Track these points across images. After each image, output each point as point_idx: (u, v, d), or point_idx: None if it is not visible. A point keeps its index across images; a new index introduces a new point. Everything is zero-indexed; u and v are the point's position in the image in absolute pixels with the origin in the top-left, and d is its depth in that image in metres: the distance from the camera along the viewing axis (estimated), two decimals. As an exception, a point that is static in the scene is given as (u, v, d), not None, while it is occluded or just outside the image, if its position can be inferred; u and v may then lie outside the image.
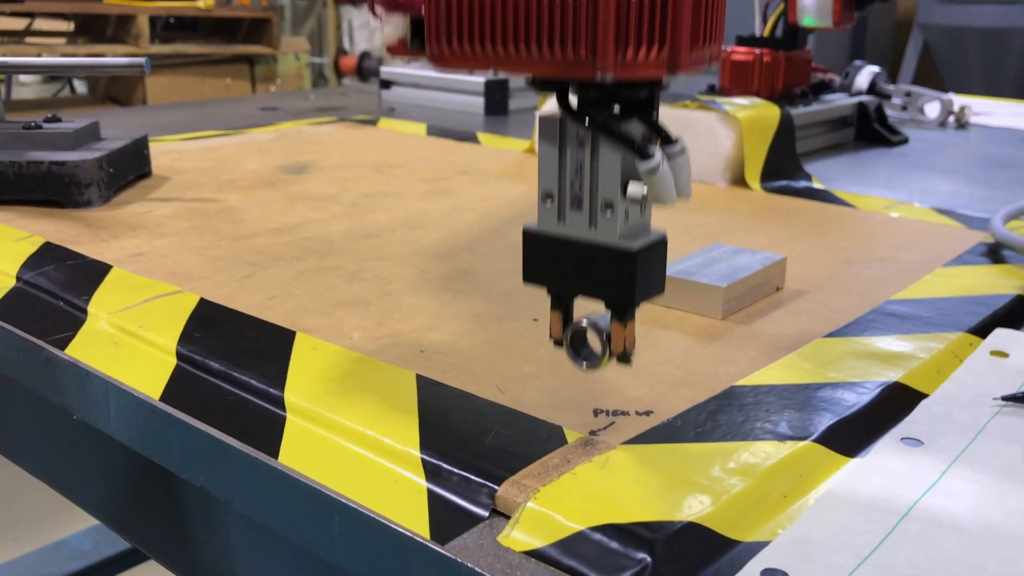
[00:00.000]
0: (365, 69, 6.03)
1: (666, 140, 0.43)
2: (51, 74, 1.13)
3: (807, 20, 1.10)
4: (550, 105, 1.09)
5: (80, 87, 6.13)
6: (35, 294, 0.65)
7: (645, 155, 0.42)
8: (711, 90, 1.21)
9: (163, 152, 1.08)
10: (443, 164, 1.07)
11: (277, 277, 0.67)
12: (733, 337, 0.57)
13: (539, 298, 0.63)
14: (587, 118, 0.42)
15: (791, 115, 1.02)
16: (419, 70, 1.57)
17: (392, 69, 1.60)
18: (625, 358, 0.45)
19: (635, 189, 0.43)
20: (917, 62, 3.11)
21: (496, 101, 1.48)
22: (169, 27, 3.73)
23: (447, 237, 0.78)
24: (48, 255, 0.71)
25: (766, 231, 0.81)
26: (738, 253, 0.66)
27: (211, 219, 0.82)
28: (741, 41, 1.19)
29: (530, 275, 0.48)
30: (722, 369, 0.52)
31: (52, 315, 0.61)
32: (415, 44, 0.44)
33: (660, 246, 0.45)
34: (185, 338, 0.56)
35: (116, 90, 3.39)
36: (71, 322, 0.60)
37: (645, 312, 0.60)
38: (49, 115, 0.91)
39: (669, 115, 1.00)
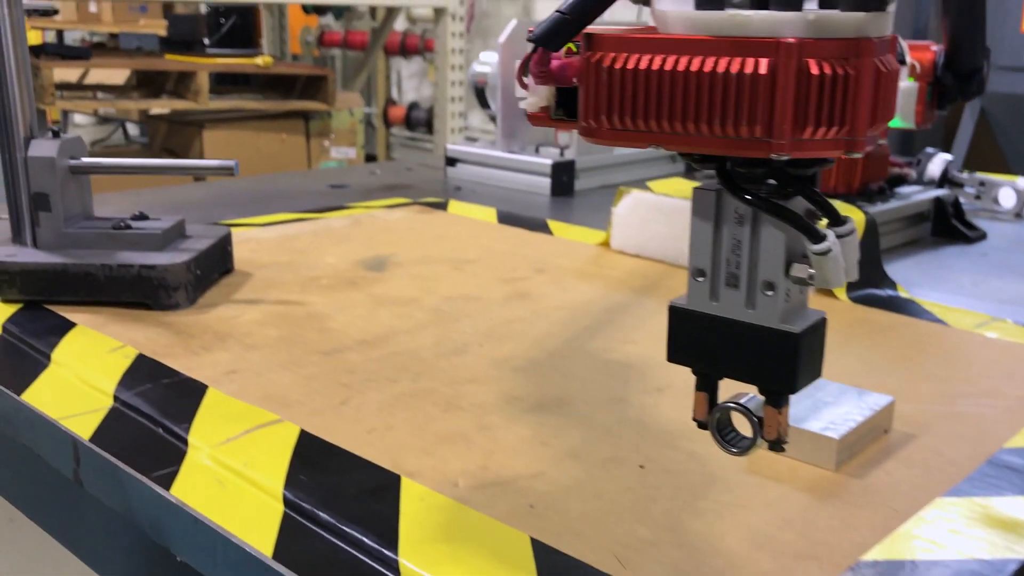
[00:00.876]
0: (413, 120, 6.11)
1: (834, 220, 0.42)
2: (140, 173, 1.13)
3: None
4: (627, 201, 1.08)
5: (133, 130, 6.28)
6: (133, 418, 0.65)
7: (817, 236, 0.40)
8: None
9: (241, 241, 1.09)
10: (518, 259, 1.07)
11: (374, 403, 0.66)
12: (850, 495, 0.55)
13: (642, 436, 0.63)
14: (751, 195, 0.41)
15: (875, 220, 1.01)
16: (484, 149, 1.57)
17: (458, 147, 1.61)
18: (777, 445, 0.44)
19: (801, 270, 0.41)
20: (973, 130, 3.08)
21: (562, 183, 1.48)
22: (222, 80, 3.80)
23: (535, 353, 0.78)
24: (143, 371, 0.71)
25: (860, 354, 0.79)
26: (845, 393, 0.64)
27: (298, 327, 0.82)
28: (817, 136, 1.18)
29: (676, 355, 0.45)
30: (845, 537, 0.51)
31: (152, 444, 0.61)
32: (559, 113, 0.44)
33: (820, 327, 0.43)
34: (291, 482, 0.55)
35: (174, 143, 3.46)
36: (172, 454, 0.60)
37: (755, 461, 0.59)
38: (137, 213, 0.93)
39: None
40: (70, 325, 0.80)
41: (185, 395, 0.67)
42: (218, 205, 1.36)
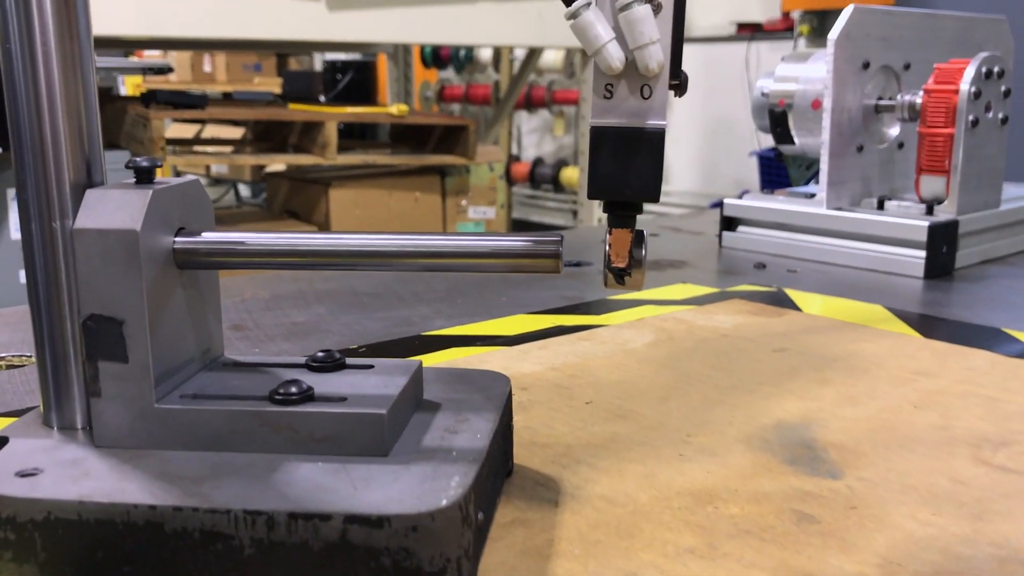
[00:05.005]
0: (538, 176, 5.72)
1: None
2: (437, 270, 0.64)
3: None
4: None
5: (244, 191, 6.00)
6: None
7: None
8: None
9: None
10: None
11: None
12: None
13: None
14: None
15: None
16: (788, 205, 1.03)
17: (743, 203, 1.07)
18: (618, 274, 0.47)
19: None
20: None
21: (940, 256, 0.92)
22: (343, 133, 3.37)
23: None
24: None
25: None
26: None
27: None
28: None
29: None
30: None
31: None
32: None
33: (642, 133, 0.42)
34: None
35: (296, 203, 3.03)
36: None
37: None
38: (318, 352, 0.40)
39: None
40: None
41: None
42: (391, 296, 0.84)
